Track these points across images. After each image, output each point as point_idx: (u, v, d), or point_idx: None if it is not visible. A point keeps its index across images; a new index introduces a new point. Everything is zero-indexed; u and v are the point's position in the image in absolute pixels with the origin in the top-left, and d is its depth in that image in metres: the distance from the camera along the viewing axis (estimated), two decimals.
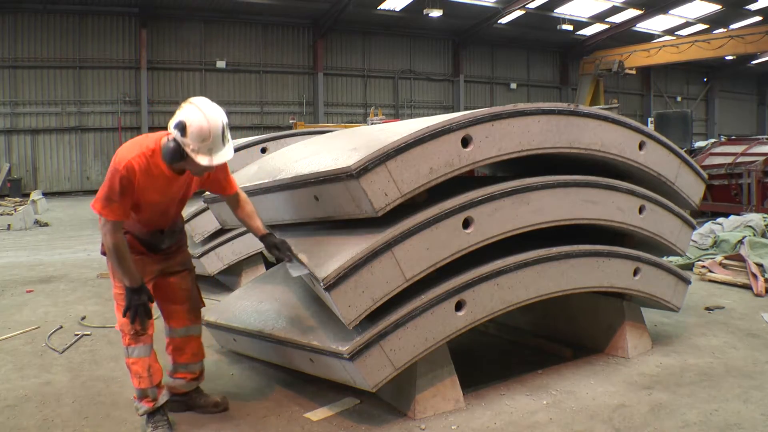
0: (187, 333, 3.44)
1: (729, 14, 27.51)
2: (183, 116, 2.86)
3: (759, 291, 5.90)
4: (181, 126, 2.84)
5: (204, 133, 2.83)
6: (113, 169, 2.90)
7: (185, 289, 3.43)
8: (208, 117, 2.85)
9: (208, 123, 2.84)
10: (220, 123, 2.88)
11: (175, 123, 2.87)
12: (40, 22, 20.58)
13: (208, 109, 2.88)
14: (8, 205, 17.11)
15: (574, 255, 3.76)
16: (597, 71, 26.81)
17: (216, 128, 2.86)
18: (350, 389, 3.54)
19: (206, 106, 2.89)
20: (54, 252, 9.28)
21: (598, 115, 3.78)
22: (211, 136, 2.85)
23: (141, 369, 3.12)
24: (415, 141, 3.08)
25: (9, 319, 5.42)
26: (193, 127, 2.82)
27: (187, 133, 2.83)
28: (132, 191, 2.93)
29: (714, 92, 38.27)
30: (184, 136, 2.84)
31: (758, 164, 10.12)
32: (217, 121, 2.87)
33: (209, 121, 2.85)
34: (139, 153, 2.94)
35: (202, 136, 2.83)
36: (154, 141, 3.00)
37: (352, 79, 26.71)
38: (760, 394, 3.60)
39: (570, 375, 3.94)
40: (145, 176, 2.94)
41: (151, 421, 3.19)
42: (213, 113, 2.88)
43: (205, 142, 2.85)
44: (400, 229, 3.11)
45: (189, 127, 2.83)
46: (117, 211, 2.91)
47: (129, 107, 22.11)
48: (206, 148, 2.87)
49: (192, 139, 2.83)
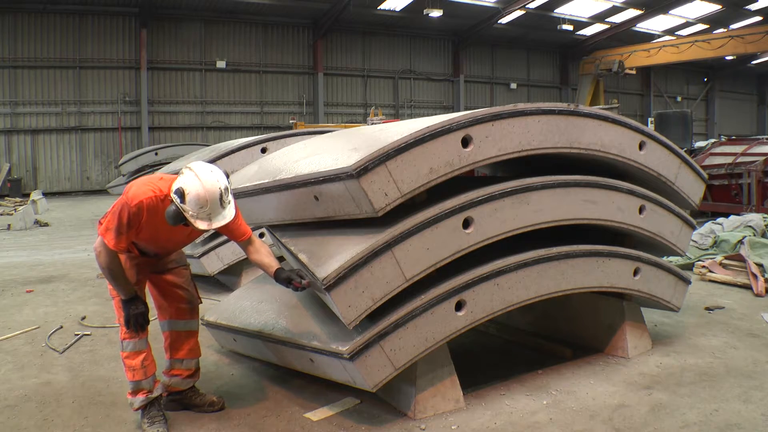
0: (185, 327, 3.48)
1: (729, 14, 27.51)
2: (182, 183, 2.97)
3: (759, 291, 5.90)
4: (180, 193, 2.95)
5: (201, 201, 2.95)
6: (124, 203, 3.00)
7: (181, 285, 3.49)
8: (205, 185, 2.95)
9: (205, 191, 2.94)
10: (217, 189, 2.98)
11: (174, 189, 2.98)
12: (40, 22, 20.59)
13: (205, 176, 2.98)
14: (8, 205, 17.13)
15: (574, 255, 3.76)
16: (597, 71, 26.82)
17: (213, 195, 2.96)
18: (350, 389, 3.54)
19: (204, 173, 2.99)
20: (54, 252, 9.28)
21: (598, 115, 3.78)
22: (208, 203, 2.96)
23: (135, 362, 3.20)
24: (415, 141, 3.08)
25: (9, 319, 5.42)
26: (191, 195, 2.94)
27: (185, 200, 2.95)
28: (137, 226, 3.04)
29: (714, 92, 38.28)
30: (183, 203, 2.95)
31: (758, 164, 10.12)
32: (214, 188, 2.97)
33: (206, 189, 2.95)
34: (151, 195, 3.03)
35: (200, 203, 2.95)
36: (168, 186, 3.08)
37: (352, 79, 26.71)
38: (760, 394, 3.60)
39: (570, 375, 3.94)
40: (152, 216, 3.04)
41: (146, 416, 3.23)
42: (210, 180, 2.97)
43: (203, 208, 2.96)
44: (400, 229, 3.11)
45: (187, 195, 2.94)
46: (119, 242, 3.02)
47: (129, 107, 22.11)
48: (205, 214, 2.99)
49: (190, 206, 2.95)
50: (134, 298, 3.16)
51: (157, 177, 3.20)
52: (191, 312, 3.51)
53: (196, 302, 3.55)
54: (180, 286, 3.48)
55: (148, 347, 3.26)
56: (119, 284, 3.12)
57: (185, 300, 3.48)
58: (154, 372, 3.28)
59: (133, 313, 3.13)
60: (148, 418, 3.22)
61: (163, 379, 3.47)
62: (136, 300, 3.16)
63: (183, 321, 3.47)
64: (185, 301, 3.48)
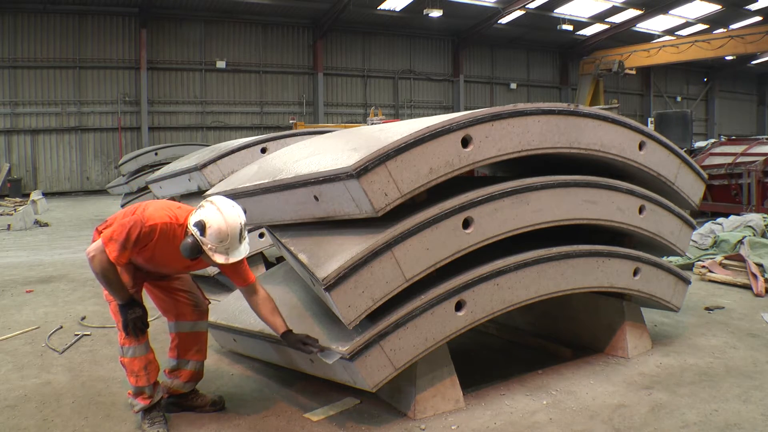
0: (193, 329, 3.48)
1: (729, 14, 27.52)
2: (203, 215, 2.98)
3: (759, 291, 5.90)
4: (201, 225, 2.95)
5: (222, 235, 2.96)
6: (138, 220, 2.99)
7: (183, 289, 3.50)
8: (227, 219, 2.96)
9: (227, 225, 2.96)
10: (238, 225, 3.00)
11: (195, 221, 2.98)
12: (40, 22, 20.59)
13: (227, 210, 3.00)
14: (8, 205, 17.12)
15: (573, 255, 3.76)
16: (597, 71, 26.85)
17: (234, 230, 2.98)
18: (350, 389, 3.54)
19: (226, 208, 3.01)
20: (54, 252, 9.28)
21: (598, 115, 3.78)
22: (229, 238, 2.97)
23: (137, 367, 3.18)
24: (415, 141, 3.08)
25: (9, 319, 5.43)
26: (212, 228, 2.94)
27: (206, 234, 2.95)
28: (144, 247, 3.04)
29: (714, 92, 38.28)
30: (203, 236, 2.96)
31: (758, 164, 10.12)
32: (235, 223, 2.98)
33: (228, 223, 2.96)
34: (168, 220, 3.05)
35: (221, 237, 2.96)
36: (185, 215, 3.11)
37: (352, 79, 26.72)
38: (760, 394, 3.61)
39: (570, 375, 3.94)
40: (163, 241, 3.06)
41: (147, 417, 3.23)
42: (232, 215, 2.99)
43: (223, 243, 2.97)
44: (400, 229, 3.11)
45: (209, 228, 2.95)
46: (121, 256, 3.01)
47: (129, 107, 22.12)
48: (224, 248, 2.99)
49: (210, 240, 2.96)
50: (131, 302, 3.13)
51: (176, 205, 3.20)
52: (197, 314, 3.49)
53: (202, 304, 3.54)
54: (182, 290, 3.48)
55: (150, 351, 3.24)
56: (114, 289, 3.10)
57: (189, 303, 3.47)
58: (156, 376, 3.26)
59: (131, 318, 3.10)
60: (148, 419, 3.22)
61: (165, 380, 3.45)
62: (133, 304, 3.14)
63: (189, 323, 3.47)
64: (189, 304, 3.47)
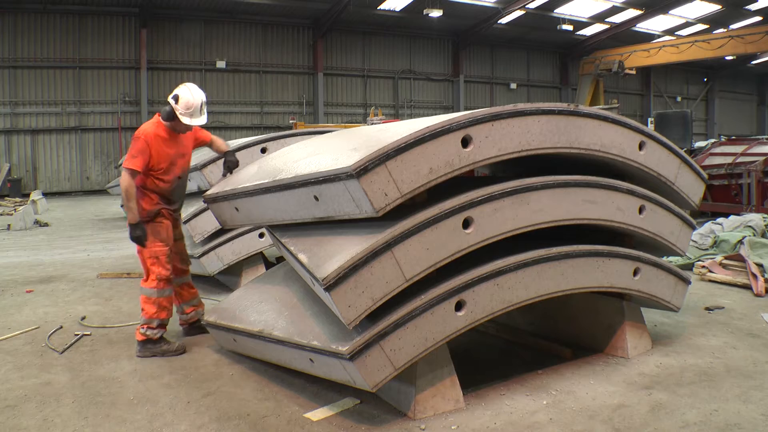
0: (181, 281, 4.85)
1: (729, 14, 27.53)
2: (178, 91, 4.52)
3: (759, 291, 5.90)
4: (176, 97, 4.48)
5: (189, 104, 4.47)
6: (135, 137, 4.43)
7: (183, 250, 4.91)
8: (194, 95, 4.51)
9: (193, 98, 4.49)
10: (200, 100, 4.53)
11: (172, 95, 4.50)
12: (40, 22, 20.59)
13: (194, 90, 4.55)
14: (8, 205, 17.13)
15: (573, 255, 3.76)
16: (597, 71, 26.86)
17: (197, 102, 4.50)
18: (350, 389, 3.54)
19: (194, 89, 4.56)
20: (54, 252, 9.28)
21: (598, 115, 3.78)
22: (193, 107, 4.48)
23: (168, 303, 4.51)
24: (415, 141, 3.08)
25: (9, 319, 5.43)
26: (183, 99, 4.46)
27: (179, 103, 4.45)
28: (149, 149, 4.39)
29: (714, 92, 38.30)
30: (176, 104, 4.46)
31: (758, 164, 10.12)
32: (199, 98, 4.53)
33: (194, 97, 4.50)
34: (149, 126, 4.51)
35: (188, 106, 4.46)
36: (156, 115, 4.61)
37: (352, 79, 26.72)
38: (760, 394, 3.61)
39: (570, 375, 3.94)
40: (155, 138, 4.45)
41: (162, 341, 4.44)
42: (197, 93, 4.54)
43: (189, 110, 4.47)
44: (400, 229, 3.11)
45: (180, 98, 4.46)
46: (138, 163, 4.35)
47: (129, 107, 22.12)
48: (189, 114, 4.48)
49: (181, 107, 4.46)
50: (138, 224, 4.39)
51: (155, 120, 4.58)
52: (182, 271, 4.87)
53: (189, 262, 4.98)
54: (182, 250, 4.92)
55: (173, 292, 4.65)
56: (131, 206, 4.34)
57: (185, 261, 4.93)
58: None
59: (138, 234, 4.39)
60: (164, 342, 4.45)
61: (182, 317, 4.91)
62: (138, 225, 4.40)
63: (179, 278, 4.82)
64: (179, 260, 4.83)
